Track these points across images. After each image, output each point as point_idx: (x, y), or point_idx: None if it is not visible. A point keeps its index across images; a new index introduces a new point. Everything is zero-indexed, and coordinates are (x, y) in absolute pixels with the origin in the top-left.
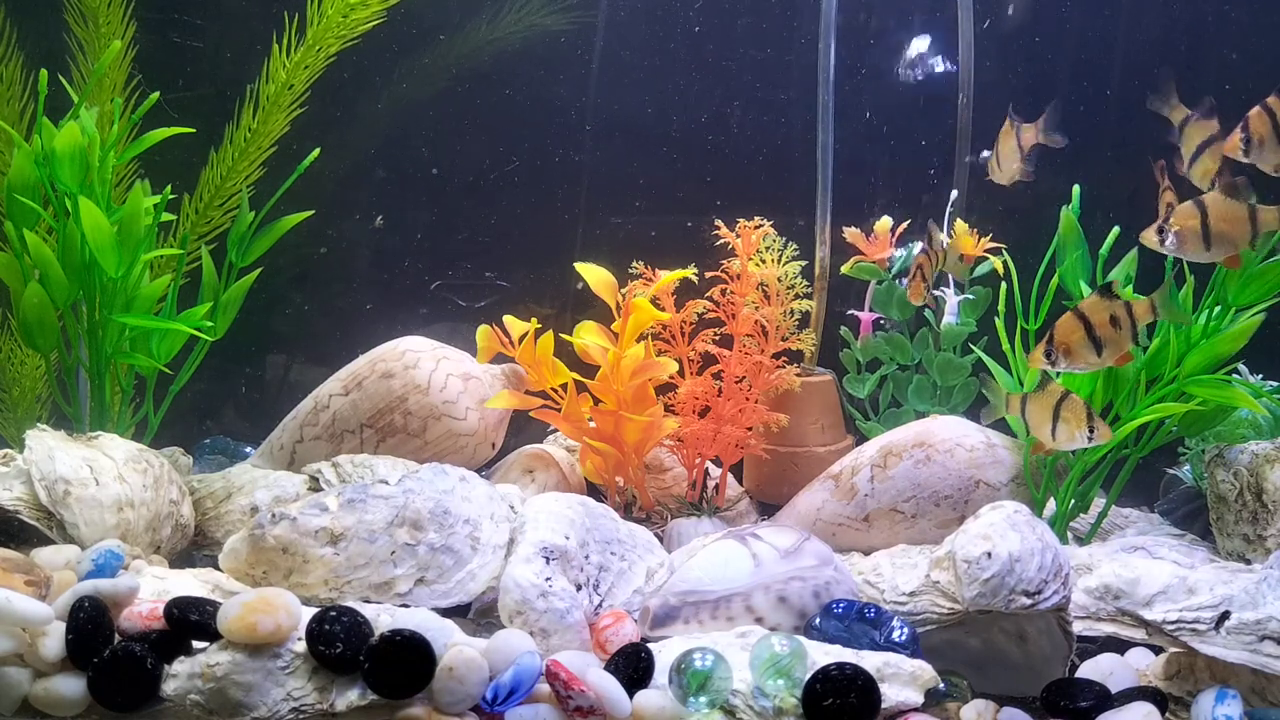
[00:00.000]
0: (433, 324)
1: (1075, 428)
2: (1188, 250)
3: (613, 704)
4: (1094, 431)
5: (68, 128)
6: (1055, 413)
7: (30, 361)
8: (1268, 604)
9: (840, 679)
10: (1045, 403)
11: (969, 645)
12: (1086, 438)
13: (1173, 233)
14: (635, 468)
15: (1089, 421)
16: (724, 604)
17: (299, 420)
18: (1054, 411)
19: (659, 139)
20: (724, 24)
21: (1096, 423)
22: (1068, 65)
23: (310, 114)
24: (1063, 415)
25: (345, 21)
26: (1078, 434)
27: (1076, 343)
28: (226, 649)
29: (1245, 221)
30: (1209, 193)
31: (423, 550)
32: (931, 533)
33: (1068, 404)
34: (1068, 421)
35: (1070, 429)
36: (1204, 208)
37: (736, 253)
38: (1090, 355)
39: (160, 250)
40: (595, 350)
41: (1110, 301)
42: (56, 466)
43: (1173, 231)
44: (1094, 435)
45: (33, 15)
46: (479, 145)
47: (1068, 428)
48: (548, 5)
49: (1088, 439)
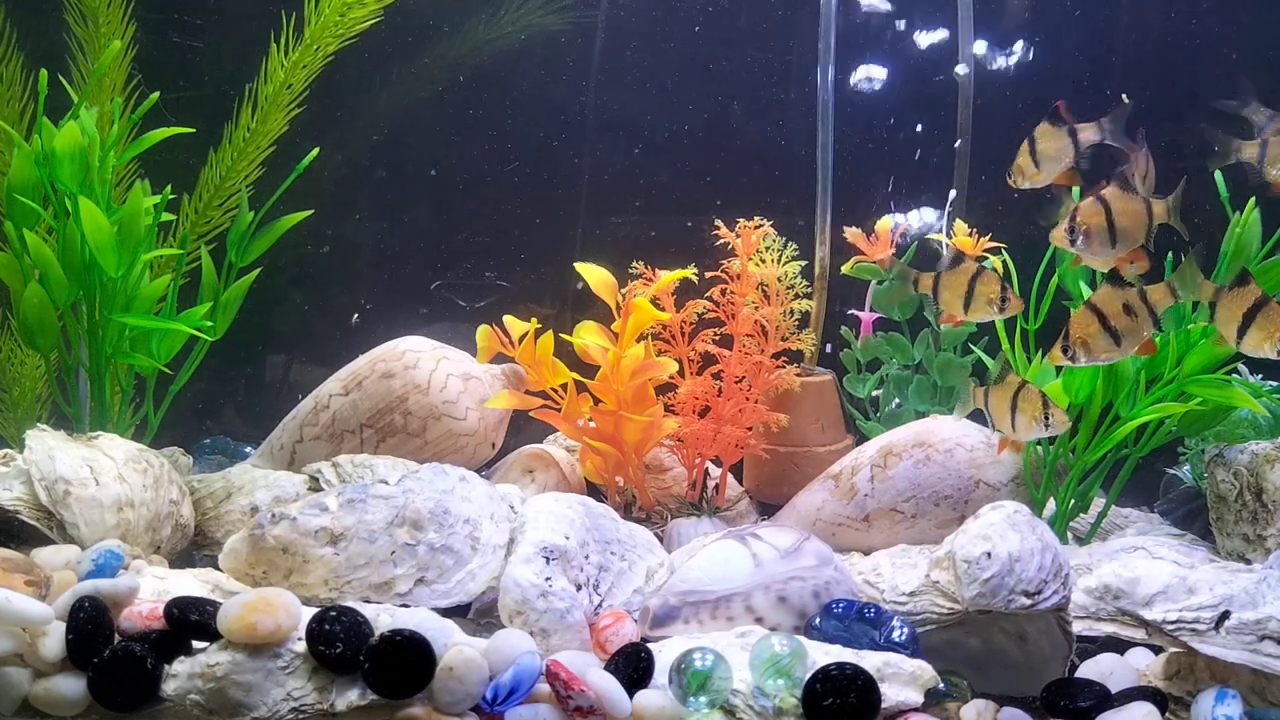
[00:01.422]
0: (433, 324)
1: (1032, 417)
2: (1095, 248)
3: (613, 704)
4: (1050, 419)
5: (68, 128)
6: (1013, 403)
7: (30, 361)
8: (1267, 604)
9: (840, 679)
10: (1004, 394)
11: (969, 645)
12: (1044, 425)
13: (1081, 231)
14: (635, 468)
15: (1044, 409)
16: (724, 604)
17: (299, 420)
18: (1011, 402)
19: (659, 139)
20: (724, 24)
21: (1052, 410)
22: (1067, 65)
23: (309, 113)
24: (1019, 405)
25: (342, 21)
26: (1035, 423)
27: (1093, 336)
28: (226, 649)
29: (1143, 215)
30: (1108, 189)
31: (423, 550)
32: (931, 533)
33: (1024, 394)
34: (1024, 411)
35: (1027, 418)
36: (1106, 204)
37: (736, 253)
38: (1109, 347)
39: (160, 250)
40: (595, 350)
41: (1122, 290)
42: (56, 466)
43: (1080, 230)
44: (1050, 423)
45: (33, 15)
46: (479, 145)
47: (1025, 417)
48: (546, 5)
49: (1044, 427)
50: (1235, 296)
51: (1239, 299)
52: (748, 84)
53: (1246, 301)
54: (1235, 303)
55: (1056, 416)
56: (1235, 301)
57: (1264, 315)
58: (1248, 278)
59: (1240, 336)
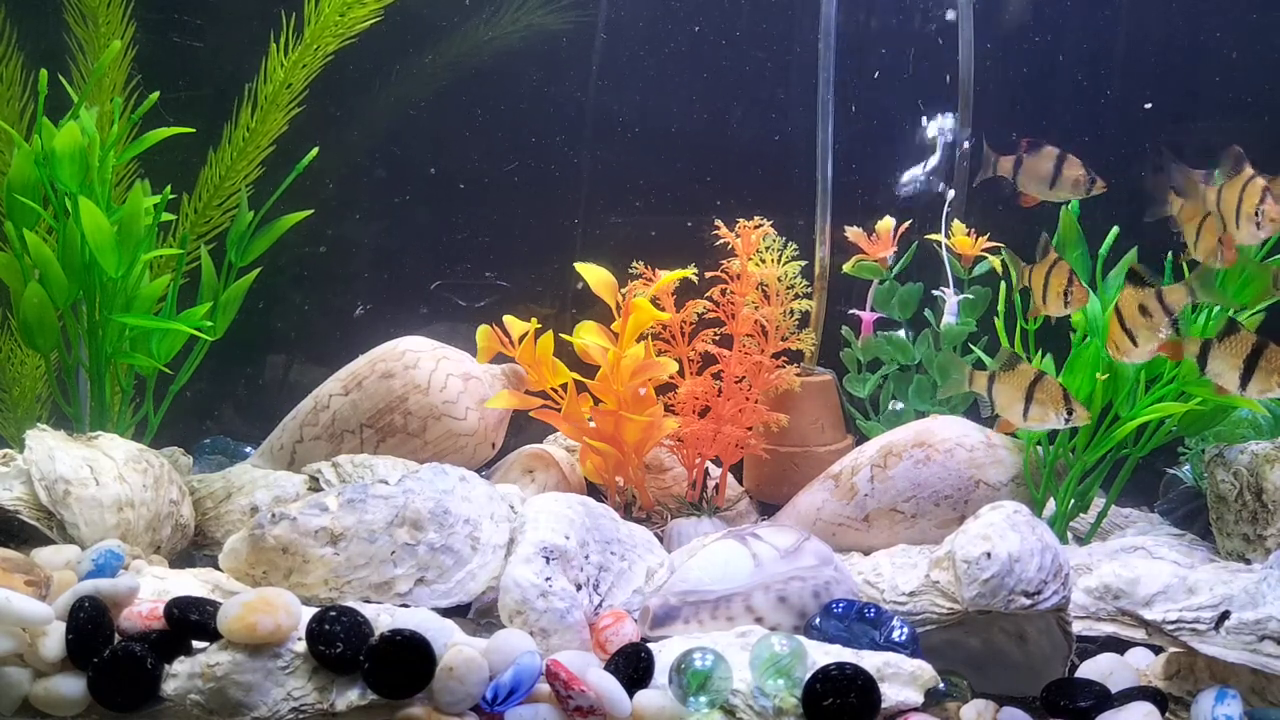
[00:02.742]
0: (433, 324)
1: (1053, 410)
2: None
3: (613, 704)
4: (1072, 413)
5: (68, 128)
6: (1029, 394)
7: (30, 361)
8: (1268, 604)
9: (840, 679)
10: (1017, 383)
11: (969, 645)
12: (1064, 419)
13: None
14: (635, 468)
15: (1066, 403)
16: (724, 604)
17: (299, 420)
18: (1027, 392)
19: (659, 139)
20: (724, 24)
21: (1074, 404)
22: (1067, 65)
23: (309, 113)
24: (1037, 397)
25: (342, 20)
26: (1054, 415)
27: (1115, 334)
28: (226, 649)
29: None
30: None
31: (423, 550)
32: (931, 533)
33: (1043, 385)
34: (1043, 403)
35: (1046, 410)
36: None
37: (736, 253)
38: (1127, 346)
39: (160, 250)
40: (595, 350)
41: (1139, 290)
42: (56, 466)
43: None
44: (1072, 417)
45: (33, 15)
46: (479, 145)
47: (1043, 409)
48: (546, 5)
49: (1065, 420)
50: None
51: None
52: (748, 84)
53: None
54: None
55: (1079, 411)
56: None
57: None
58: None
59: (1244, 384)
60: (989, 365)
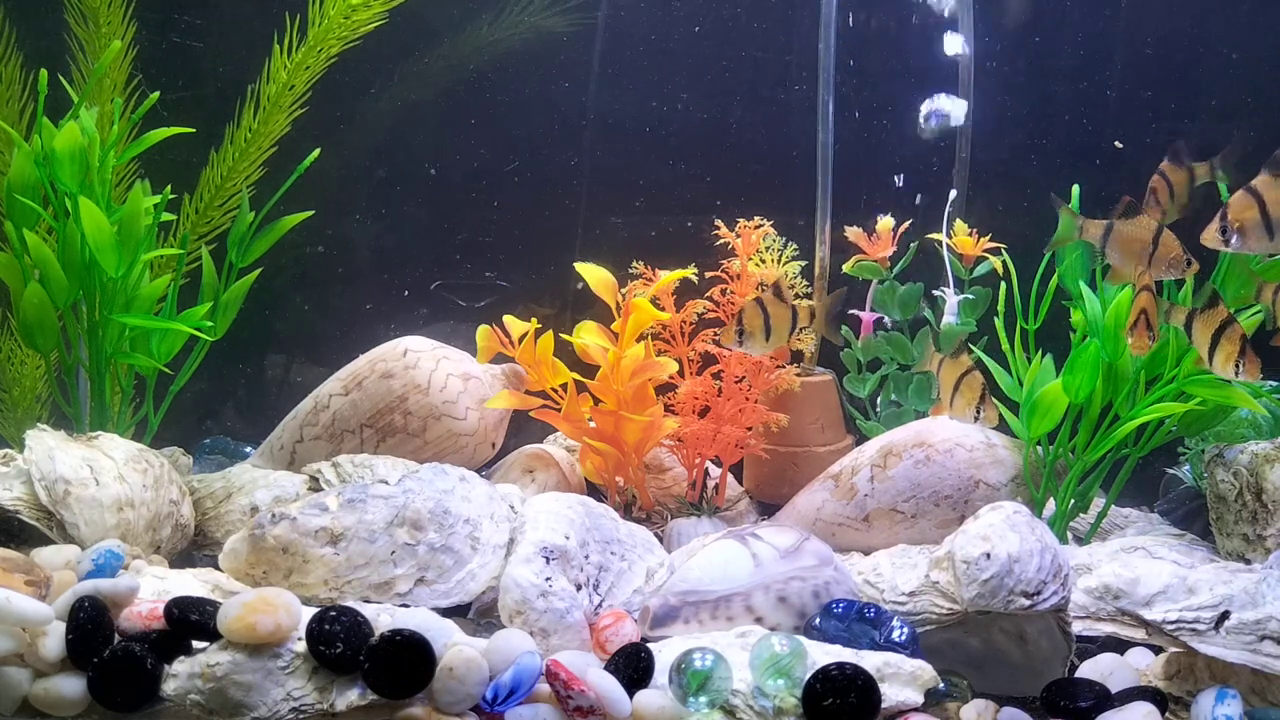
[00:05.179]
0: (433, 324)
1: (968, 404)
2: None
3: (613, 704)
4: (980, 413)
5: (68, 128)
6: (956, 383)
7: (30, 361)
8: (1267, 604)
9: (840, 679)
10: (953, 370)
11: (969, 645)
12: (974, 417)
13: (1234, 228)
14: (635, 468)
15: (980, 402)
16: (724, 604)
17: (299, 420)
18: (955, 382)
19: (659, 139)
20: (724, 24)
21: (986, 404)
22: (1067, 64)
23: (311, 114)
24: (961, 388)
25: (347, 23)
26: (968, 410)
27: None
28: (226, 649)
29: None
30: (1258, 178)
31: (423, 550)
32: (931, 533)
33: (968, 379)
34: (963, 395)
35: (964, 403)
36: (1259, 194)
37: (736, 253)
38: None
39: (160, 250)
40: (595, 350)
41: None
42: (56, 466)
43: (1234, 226)
44: (979, 417)
45: (33, 15)
46: (479, 145)
47: (962, 401)
48: (548, 6)
49: (975, 419)
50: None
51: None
52: (748, 84)
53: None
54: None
55: (988, 411)
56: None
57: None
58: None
59: (1210, 356)
60: (989, 366)
